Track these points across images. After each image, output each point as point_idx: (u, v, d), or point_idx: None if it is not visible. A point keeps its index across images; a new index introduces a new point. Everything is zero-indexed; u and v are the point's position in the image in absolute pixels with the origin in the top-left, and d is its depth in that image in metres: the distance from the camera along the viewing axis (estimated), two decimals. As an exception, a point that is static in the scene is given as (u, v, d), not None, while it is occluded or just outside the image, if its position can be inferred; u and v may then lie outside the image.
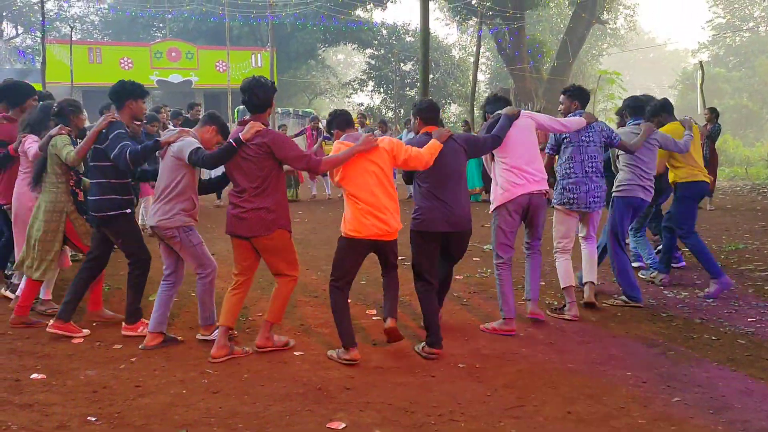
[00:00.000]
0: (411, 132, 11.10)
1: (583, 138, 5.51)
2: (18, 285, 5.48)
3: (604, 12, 31.32)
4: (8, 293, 5.70)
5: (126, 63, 29.80)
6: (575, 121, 5.47)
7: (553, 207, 5.72)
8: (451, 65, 38.94)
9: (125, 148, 4.51)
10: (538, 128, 5.35)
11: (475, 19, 26.41)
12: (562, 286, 5.55)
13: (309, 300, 5.90)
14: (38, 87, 6.21)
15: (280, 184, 4.44)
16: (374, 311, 5.58)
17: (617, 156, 6.17)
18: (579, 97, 5.71)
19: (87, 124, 5.74)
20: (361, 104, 40.59)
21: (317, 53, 39.38)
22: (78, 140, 5.04)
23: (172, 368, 4.26)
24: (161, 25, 37.51)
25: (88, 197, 4.84)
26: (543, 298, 5.88)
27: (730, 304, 5.80)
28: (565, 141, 5.57)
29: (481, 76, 39.36)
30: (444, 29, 78.10)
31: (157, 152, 4.69)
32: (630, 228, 6.77)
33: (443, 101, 37.70)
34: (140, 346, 4.61)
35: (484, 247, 8.15)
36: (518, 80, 27.97)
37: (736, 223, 10.42)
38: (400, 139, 6.36)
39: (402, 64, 38.13)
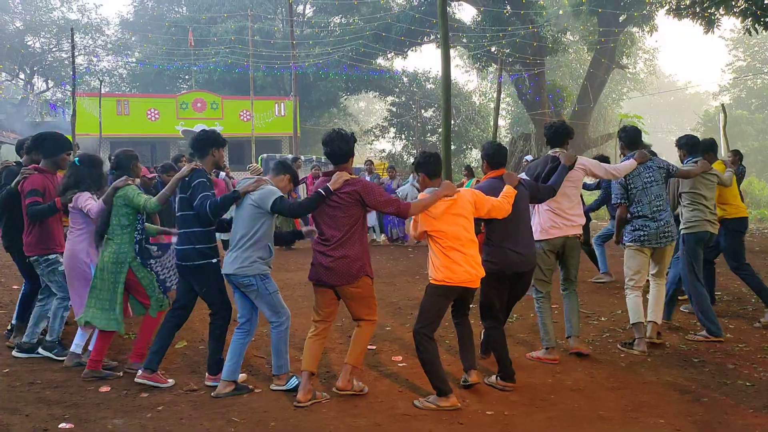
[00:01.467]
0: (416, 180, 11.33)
1: (646, 180, 5.74)
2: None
3: (624, 57, 31.53)
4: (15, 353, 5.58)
5: (153, 114, 30.51)
6: (625, 167, 5.72)
7: (624, 246, 5.93)
8: (471, 111, 39.26)
9: (206, 199, 4.56)
10: (589, 175, 5.67)
11: (495, 66, 26.70)
12: (631, 322, 5.71)
13: (334, 347, 5.88)
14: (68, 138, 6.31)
15: (364, 233, 4.59)
16: (400, 357, 5.54)
17: (680, 194, 6.32)
18: (626, 139, 5.95)
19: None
20: (383, 150, 40.96)
21: (339, 101, 39.99)
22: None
23: (198, 417, 4.25)
24: (187, 77, 38.44)
25: (175, 246, 4.84)
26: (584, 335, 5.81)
27: (763, 349, 5.67)
28: (630, 186, 5.77)
29: (501, 122, 39.60)
30: (464, 76, 79.28)
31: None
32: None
33: (464, 147, 37.93)
34: (213, 394, 4.60)
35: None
36: (539, 125, 28.06)
37: (766, 265, 10.23)
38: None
39: (423, 111, 38.55)
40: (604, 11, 26.08)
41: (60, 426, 4.07)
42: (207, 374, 4.89)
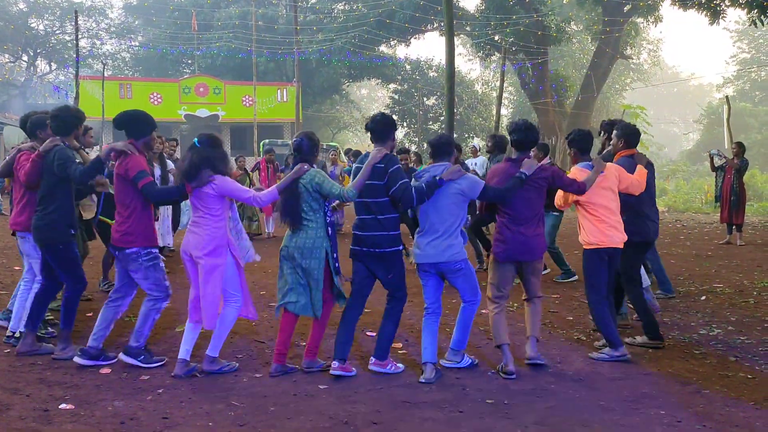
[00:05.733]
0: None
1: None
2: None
3: (628, 47, 31.39)
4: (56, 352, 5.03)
5: (155, 98, 30.45)
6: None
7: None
8: (474, 100, 39.21)
9: (407, 187, 4.53)
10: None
11: (499, 55, 26.62)
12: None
13: (333, 332, 5.87)
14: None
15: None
16: (399, 344, 5.52)
17: None
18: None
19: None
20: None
21: (341, 88, 39.91)
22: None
23: (198, 400, 4.25)
24: (190, 61, 38.35)
25: (357, 232, 4.70)
26: (571, 333, 5.82)
27: (764, 342, 5.67)
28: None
29: (504, 111, 39.54)
30: (467, 65, 78.65)
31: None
32: None
33: (466, 135, 37.86)
34: (422, 379, 4.63)
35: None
36: (541, 114, 28.05)
37: (767, 258, 10.24)
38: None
39: (425, 99, 38.46)
40: (608, 1, 25.95)
41: (60, 407, 4.07)
42: (374, 359, 4.82)
